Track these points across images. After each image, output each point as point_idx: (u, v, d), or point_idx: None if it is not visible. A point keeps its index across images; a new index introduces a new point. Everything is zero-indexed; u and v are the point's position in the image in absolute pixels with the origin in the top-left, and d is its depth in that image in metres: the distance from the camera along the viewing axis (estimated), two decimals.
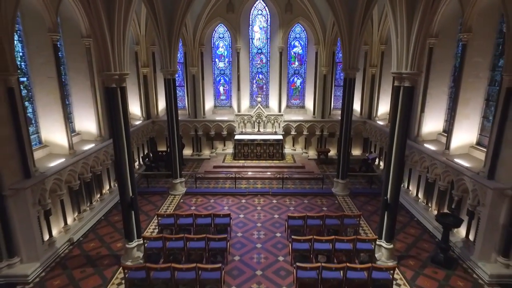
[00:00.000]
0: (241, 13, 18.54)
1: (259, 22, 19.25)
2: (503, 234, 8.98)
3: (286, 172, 16.42)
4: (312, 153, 19.86)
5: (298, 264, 8.40)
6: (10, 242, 8.88)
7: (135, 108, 18.11)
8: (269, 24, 19.21)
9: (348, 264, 8.25)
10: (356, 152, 19.86)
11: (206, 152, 19.90)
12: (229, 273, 9.26)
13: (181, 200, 14.24)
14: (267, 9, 18.91)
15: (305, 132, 19.58)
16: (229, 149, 19.80)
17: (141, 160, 17.59)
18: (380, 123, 17.88)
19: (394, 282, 8.90)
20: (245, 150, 18.53)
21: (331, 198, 14.56)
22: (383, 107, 18.28)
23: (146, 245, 9.81)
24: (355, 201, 14.21)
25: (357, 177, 16.69)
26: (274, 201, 14.15)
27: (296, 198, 14.45)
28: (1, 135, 8.40)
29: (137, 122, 17.70)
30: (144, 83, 18.35)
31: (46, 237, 9.99)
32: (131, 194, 9.31)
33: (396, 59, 8.55)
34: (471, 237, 10.10)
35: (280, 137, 18.75)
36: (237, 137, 18.67)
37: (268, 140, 18.43)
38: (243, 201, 14.17)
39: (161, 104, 19.59)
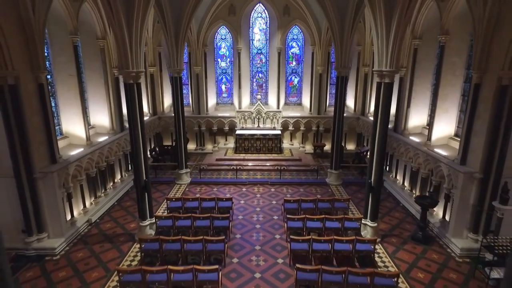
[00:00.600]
0: (242, 15, 19.77)
1: (259, 24, 20.48)
2: (473, 212, 10.19)
3: (284, 165, 17.63)
4: (308, 148, 21.08)
5: (291, 237, 9.64)
6: (39, 219, 10.11)
7: (144, 104, 19.29)
8: (268, 26, 20.44)
9: (335, 237, 9.49)
10: (350, 146, 21.07)
11: (209, 147, 21.13)
12: (231, 248, 10.48)
13: (187, 189, 15.46)
14: (266, 12, 20.14)
15: (302, 128, 20.80)
16: (231, 143, 21.02)
17: (148, 153, 18.81)
18: (372, 119, 19.01)
19: (377, 255, 10.13)
20: (245, 144, 19.74)
21: (325, 187, 15.78)
22: (372, 104, 19.44)
23: (157, 223, 11.04)
24: (347, 190, 15.42)
25: (350, 169, 17.91)
26: (272, 190, 15.38)
27: (293, 187, 15.66)
28: (34, 124, 9.63)
29: (145, 118, 18.85)
30: (151, 81, 19.58)
31: (69, 217, 11.23)
32: (144, 178, 10.54)
33: (377, 59, 9.77)
34: (447, 218, 11.31)
35: (279, 132, 19.96)
36: (238, 132, 19.89)
37: (267, 135, 19.64)
38: (244, 189, 15.39)
39: (166, 102, 20.86)
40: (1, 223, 9.62)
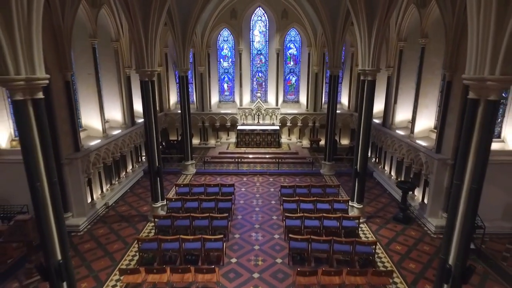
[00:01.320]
0: (243, 19, 21.16)
1: (258, 27, 21.87)
2: (446, 194, 11.57)
3: (282, 157, 19.04)
4: (305, 142, 22.46)
5: (286, 214, 11.06)
6: (65, 200, 11.54)
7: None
8: (267, 28, 21.83)
9: (324, 214, 10.90)
10: (344, 141, 22.45)
11: (212, 142, 22.54)
12: (233, 226, 11.89)
13: (192, 178, 16.86)
14: (265, 15, 21.53)
15: (299, 124, 22.20)
16: (232, 138, 22.41)
17: None
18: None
19: (361, 232, 11.53)
20: (246, 139, 21.13)
21: (319, 177, 17.17)
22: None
23: (168, 205, 12.46)
24: (339, 179, 16.81)
25: (343, 161, 19.30)
26: (271, 179, 16.78)
27: (289, 177, 17.06)
28: (61, 117, 11.06)
29: None
30: (158, 80, 20.96)
31: (89, 199, 12.65)
32: (157, 164, 11.96)
33: (361, 59, 11.17)
34: (425, 201, 12.70)
35: (277, 128, 21.34)
36: (239, 127, 21.27)
37: (267, 130, 21.01)
38: (245, 179, 16.80)
39: (172, 99, 22.26)
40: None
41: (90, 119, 14.30)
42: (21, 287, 8.71)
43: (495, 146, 11.90)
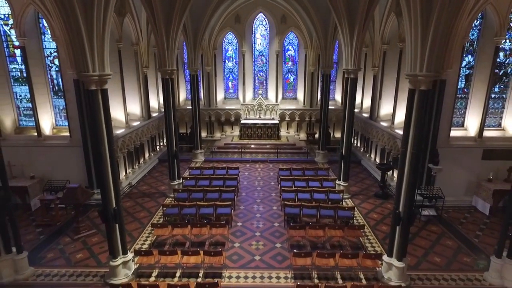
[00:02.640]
0: (246, 23, 23.43)
1: (260, 30, 24.15)
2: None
3: (281, 148, 21.30)
4: (302, 136, 24.71)
5: (283, 188, 13.34)
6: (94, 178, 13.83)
7: (161, 99, 23.04)
8: (268, 32, 24.10)
9: (314, 188, 13.18)
10: (338, 134, 24.57)
11: (217, 135, 24.82)
12: (238, 200, 14.16)
13: (201, 165, 19.15)
14: (266, 20, 23.80)
15: (297, 118, 24.45)
16: (236, 131, 24.67)
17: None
18: (356, 110, 22.66)
19: (345, 204, 13.77)
20: (249, 132, 23.37)
21: (314, 164, 19.42)
22: (358, 98, 23.06)
23: (183, 183, 14.75)
24: (331, 166, 19.02)
25: (336, 151, 21.51)
26: (271, 166, 19.05)
27: (287, 164, 19.26)
28: None
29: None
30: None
31: None
32: (175, 148, 14.26)
33: (344, 59, 13.44)
34: None
35: (277, 122, 23.56)
36: (242, 122, 23.53)
37: (267, 124, 23.25)
38: (248, 165, 19.07)
39: (181, 96, 24.54)
40: (73, 181, 13.33)
41: (115, 111, 16.57)
42: (72, 241, 11.02)
43: (458, 133, 14.22)
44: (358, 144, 21.50)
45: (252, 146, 21.85)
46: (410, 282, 8.88)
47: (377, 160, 18.07)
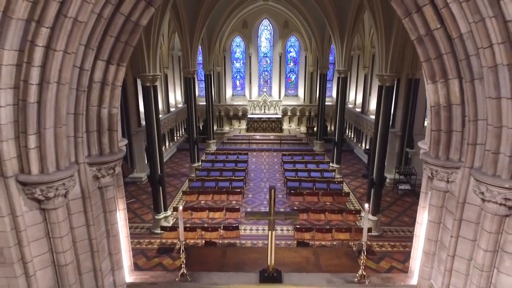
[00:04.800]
0: (252, 28, 26.22)
1: (265, 34, 26.95)
2: (397, 157, 16.58)
3: (283, 139, 24.10)
4: (303, 129, 27.50)
5: (285, 167, 16.16)
6: (132, 160, 16.69)
7: (178, 95, 25.93)
8: (272, 36, 26.89)
9: (311, 168, 15.99)
10: None
11: (226, 128, 27.66)
12: (248, 179, 16.99)
13: (215, 152, 21.97)
14: (271, 25, 26.59)
15: (297, 113, 27.24)
16: (243, 125, 27.49)
17: (183, 131, 25.40)
18: (350, 106, 25.46)
19: (336, 181, 16.55)
20: (255, 125, 26.19)
21: (312, 152, 22.22)
22: (352, 95, 25.88)
23: (202, 165, 17.60)
24: (328, 154, 21.83)
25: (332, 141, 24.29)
26: (275, 154, 21.87)
27: (289, 152, 22.09)
28: (131, 103, 16.22)
29: (179, 105, 25.49)
30: (183, 78, 26.09)
31: (145, 161, 17.82)
32: (195, 136, 17.11)
33: (337, 61, 16.21)
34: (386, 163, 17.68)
35: (280, 116, 26.37)
36: (249, 116, 26.34)
37: (271, 118, 26.06)
38: (254, 153, 21.89)
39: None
40: None
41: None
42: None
43: None
44: (351, 135, 24.28)
45: (258, 137, 24.67)
46: (382, 232, 11.69)
47: (367, 147, 20.82)
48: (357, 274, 5.66)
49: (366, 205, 6.20)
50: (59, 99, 3.83)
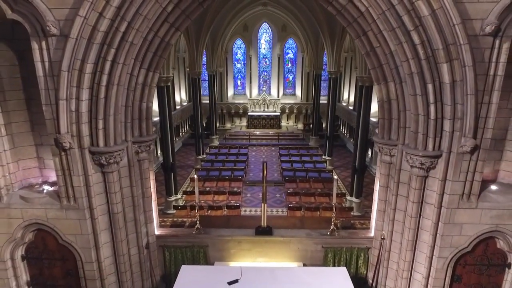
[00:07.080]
0: (253, 31, 28.00)
1: (264, 37, 28.74)
2: None
3: (281, 135, 25.90)
4: (300, 126, 29.27)
5: (282, 159, 17.97)
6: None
7: (183, 94, 27.74)
8: (271, 38, 28.68)
9: (305, 160, 17.79)
10: None
11: (228, 125, 29.47)
12: (249, 170, 18.79)
13: (218, 146, 23.78)
14: (270, 28, 28.37)
15: (295, 111, 29.04)
16: (244, 122, 29.29)
17: (187, 127, 27.22)
18: (344, 104, 27.24)
19: (327, 170, 18.33)
20: (255, 122, 27.99)
21: (307, 147, 24.01)
22: (345, 94, 27.65)
23: (206, 157, 19.42)
24: (322, 148, 23.58)
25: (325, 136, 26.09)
26: (273, 148, 23.66)
27: (286, 147, 23.89)
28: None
29: (184, 104, 27.31)
30: (188, 78, 27.91)
31: (155, 154, 19.63)
32: (200, 130, 18.92)
33: (328, 63, 17.98)
34: (373, 156, 19.48)
35: (278, 114, 28.16)
36: (249, 114, 28.15)
37: (270, 115, 27.85)
38: (254, 148, 23.70)
39: None
40: None
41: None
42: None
43: None
44: (344, 132, 26.06)
45: (258, 133, 26.48)
46: (364, 212, 13.47)
47: None
48: (330, 229, 7.46)
49: (335, 176, 7.97)
50: (118, 96, 5.64)
